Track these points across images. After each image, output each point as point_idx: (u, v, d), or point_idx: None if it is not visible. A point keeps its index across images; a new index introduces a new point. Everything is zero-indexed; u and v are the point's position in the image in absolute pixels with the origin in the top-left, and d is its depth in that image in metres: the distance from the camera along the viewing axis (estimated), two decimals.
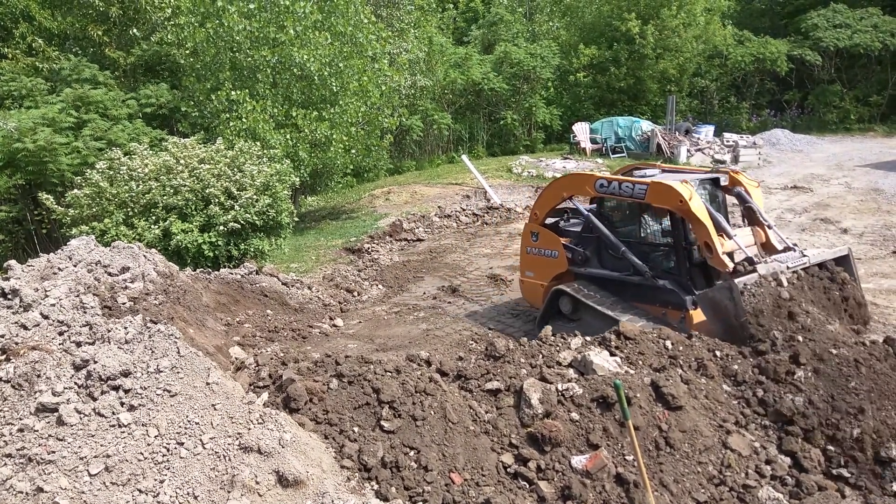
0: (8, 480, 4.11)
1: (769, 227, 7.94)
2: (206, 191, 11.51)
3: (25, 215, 15.88)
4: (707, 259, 7.57)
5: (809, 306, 7.27)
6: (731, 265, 7.34)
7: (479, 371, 6.70)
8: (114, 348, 5.07)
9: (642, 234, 8.50)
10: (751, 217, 8.15)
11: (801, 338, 6.90)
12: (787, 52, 28.46)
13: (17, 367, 4.81)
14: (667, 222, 8.19)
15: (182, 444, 4.51)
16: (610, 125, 25.53)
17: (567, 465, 5.73)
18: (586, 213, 8.81)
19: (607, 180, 8.31)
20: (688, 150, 22.92)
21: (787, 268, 7.25)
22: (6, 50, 19.27)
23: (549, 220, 9.67)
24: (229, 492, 4.28)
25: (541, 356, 6.90)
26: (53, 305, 5.92)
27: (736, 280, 7.02)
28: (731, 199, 8.80)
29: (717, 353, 7.06)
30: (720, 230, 7.48)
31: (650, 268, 8.10)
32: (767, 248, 7.99)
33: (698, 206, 7.42)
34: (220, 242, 11.40)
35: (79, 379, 4.79)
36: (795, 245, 7.91)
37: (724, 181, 8.34)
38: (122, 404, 4.67)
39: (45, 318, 5.73)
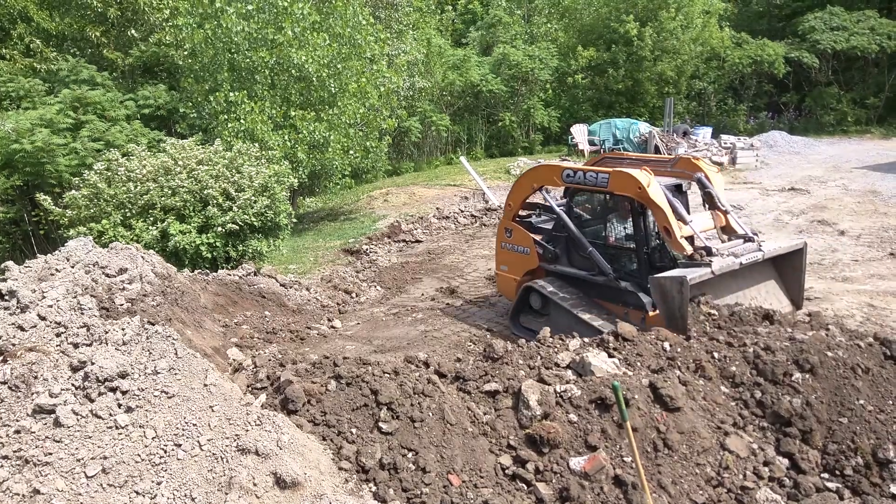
0: (4, 482, 4.10)
1: (727, 212, 8.09)
2: (205, 192, 11.50)
3: (23, 216, 15.86)
4: (666, 243, 7.75)
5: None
6: (689, 249, 7.50)
7: (478, 372, 6.70)
8: (111, 350, 5.06)
9: (609, 235, 8.67)
10: (710, 202, 8.30)
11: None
12: (784, 55, 28.52)
13: (14, 368, 4.79)
14: (630, 225, 8.35)
15: (179, 445, 4.50)
16: (608, 127, 25.55)
17: (565, 467, 5.73)
18: (557, 210, 8.95)
19: (573, 170, 8.49)
20: (685, 152, 22.94)
21: (741, 264, 7.38)
22: (4, 51, 19.27)
23: (527, 214, 9.93)
24: (227, 493, 4.27)
25: (539, 357, 6.90)
26: (51, 307, 5.91)
27: (690, 275, 7.16)
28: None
29: (716, 354, 7.06)
30: (678, 216, 7.66)
31: (614, 269, 8.28)
32: (728, 231, 8.16)
33: (656, 192, 7.61)
34: (218, 244, 11.39)
35: (76, 380, 4.78)
36: (756, 234, 8.02)
37: (685, 186, 8.50)
38: (119, 406, 4.66)
39: (43, 319, 5.71)
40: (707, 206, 8.31)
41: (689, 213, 7.97)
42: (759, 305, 7.60)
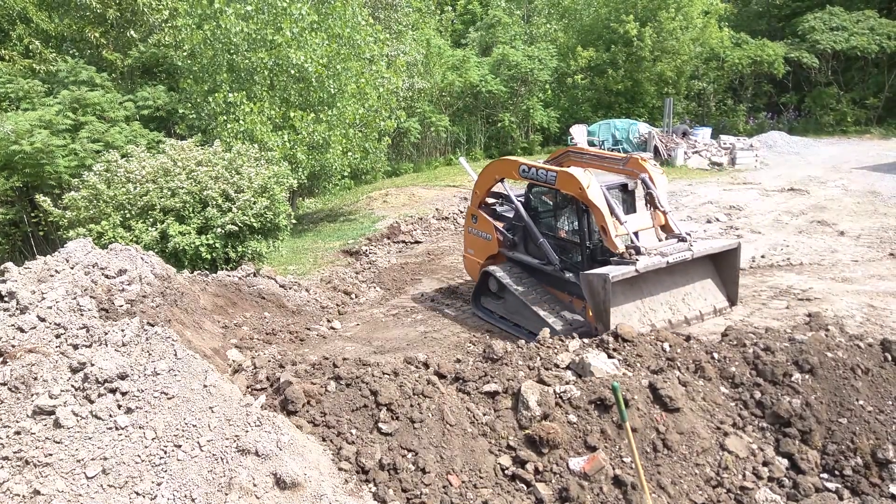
0: (5, 483, 4.10)
1: (666, 212, 8.38)
2: (204, 193, 11.50)
3: (22, 217, 15.86)
4: (603, 241, 8.20)
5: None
6: (621, 248, 7.90)
7: (477, 373, 6.70)
8: (111, 351, 5.07)
9: (560, 228, 9.14)
10: (652, 202, 8.56)
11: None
12: (784, 55, 28.52)
13: (14, 369, 4.80)
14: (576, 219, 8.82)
15: (179, 446, 4.50)
16: (607, 127, 25.55)
17: (565, 467, 5.73)
18: (515, 202, 9.51)
19: (528, 166, 9.04)
20: (685, 153, 22.96)
21: (668, 263, 7.67)
22: (3, 52, 19.27)
23: (493, 202, 10.53)
24: (227, 494, 4.27)
25: (539, 358, 6.90)
26: (50, 308, 5.91)
27: (612, 273, 7.48)
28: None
29: (715, 355, 7.07)
30: (615, 216, 8.11)
31: (562, 260, 8.79)
32: (666, 230, 8.49)
33: (595, 192, 8.04)
34: (217, 244, 11.39)
35: (76, 381, 4.78)
36: (689, 234, 8.31)
37: (631, 185, 8.80)
38: (119, 407, 4.66)
39: (42, 320, 5.72)
40: (649, 206, 8.60)
41: (635, 211, 8.54)
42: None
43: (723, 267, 8.48)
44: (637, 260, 7.71)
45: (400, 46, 21.39)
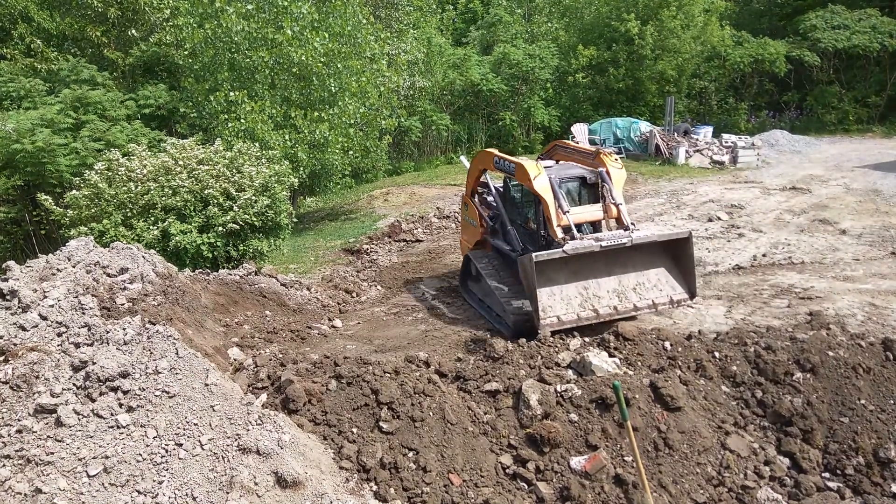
0: (7, 481, 4.11)
1: (619, 205, 8.67)
2: (205, 192, 11.50)
3: (24, 216, 15.87)
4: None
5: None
6: (559, 235, 8.30)
7: (478, 372, 6.70)
8: (112, 349, 5.07)
9: (528, 217, 9.52)
10: (605, 196, 8.98)
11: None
12: (785, 53, 28.46)
13: (16, 368, 4.80)
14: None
15: (181, 444, 4.51)
16: (608, 126, 25.52)
17: (566, 466, 5.73)
18: (493, 191, 10.08)
19: (500, 158, 9.60)
20: (686, 152, 22.93)
21: (602, 246, 7.85)
22: (5, 51, 19.27)
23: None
24: (228, 493, 4.27)
25: (539, 357, 6.90)
26: (52, 306, 5.91)
27: (536, 253, 7.78)
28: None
29: (717, 354, 7.06)
30: (560, 206, 8.53)
31: (523, 248, 9.19)
32: (619, 223, 8.82)
33: (541, 184, 8.48)
34: (218, 243, 11.39)
35: (77, 380, 4.79)
36: (633, 224, 8.52)
37: (591, 178, 9.11)
38: (120, 405, 4.66)
39: (44, 319, 5.72)
40: (604, 199, 8.98)
41: (596, 202, 8.95)
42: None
43: (677, 258, 8.47)
44: (566, 243, 8.05)
45: (401, 45, 21.36)
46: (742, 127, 28.85)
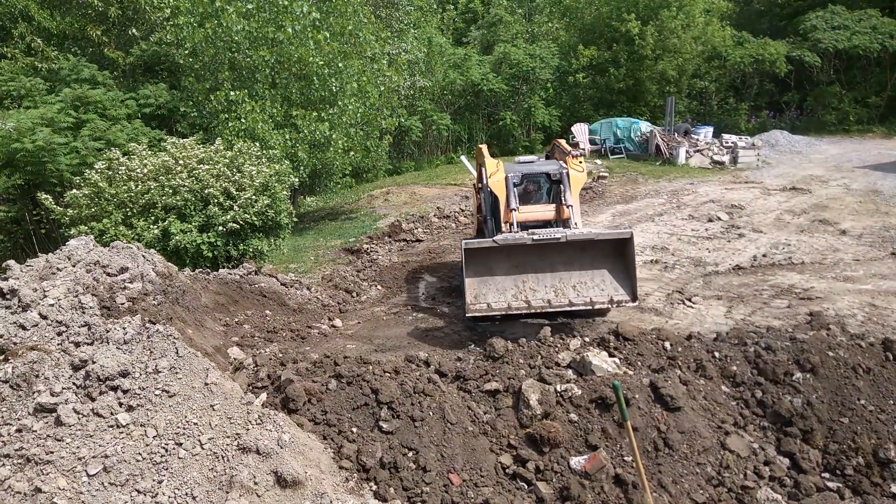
0: (6, 481, 4.11)
1: (569, 206, 9.00)
2: (205, 191, 11.50)
3: (24, 215, 15.86)
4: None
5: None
6: (504, 229, 8.82)
7: (478, 372, 6.71)
8: (112, 349, 5.07)
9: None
10: (562, 196, 9.34)
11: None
12: (785, 54, 28.46)
13: (16, 367, 4.80)
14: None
15: (180, 444, 4.51)
16: (609, 126, 25.53)
17: (566, 466, 5.74)
18: (484, 184, 10.05)
19: (479, 154, 10.27)
20: (686, 152, 22.93)
21: (533, 239, 8.01)
22: (5, 50, 19.25)
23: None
24: (227, 492, 4.27)
25: (539, 357, 6.90)
26: (52, 306, 5.91)
27: (466, 240, 8.32)
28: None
29: (716, 354, 7.07)
30: (510, 203, 9.04)
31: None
32: (567, 223, 9.12)
33: (495, 181, 9.02)
34: (219, 243, 11.39)
35: (77, 379, 4.79)
36: (576, 224, 8.90)
37: (554, 173, 9.43)
38: (120, 405, 4.66)
39: (44, 318, 5.72)
40: (561, 199, 9.34)
41: (556, 200, 9.34)
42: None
43: (620, 259, 8.39)
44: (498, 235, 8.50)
45: (401, 45, 21.36)
46: (742, 127, 28.85)
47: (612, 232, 8.68)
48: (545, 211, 9.22)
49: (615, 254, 8.34)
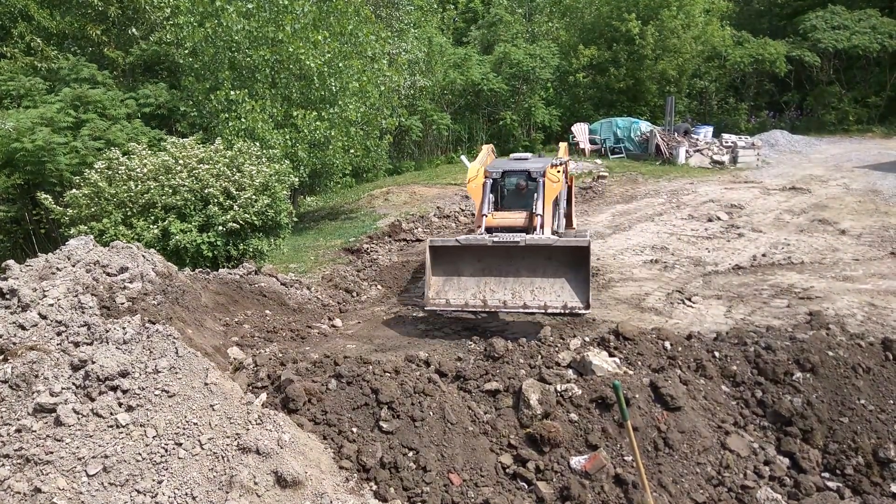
0: (6, 481, 4.10)
1: (539, 215, 9.30)
2: (205, 191, 11.49)
3: (24, 215, 15.86)
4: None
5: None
6: (476, 232, 9.27)
7: (478, 371, 6.71)
8: (112, 348, 5.06)
9: None
10: (533, 204, 9.65)
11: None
12: (785, 54, 28.46)
13: (15, 367, 4.80)
14: None
15: (180, 444, 4.50)
16: (609, 126, 25.53)
17: (566, 466, 5.74)
18: (484, 180, 10.30)
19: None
20: (686, 151, 22.93)
21: (493, 242, 8.48)
22: (5, 49, 19.25)
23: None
24: (227, 492, 4.27)
25: (540, 357, 6.90)
26: (51, 305, 5.91)
27: (431, 238, 8.90)
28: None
29: (716, 353, 7.07)
30: (483, 208, 9.58)
31: None
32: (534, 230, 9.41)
33: (472, 186, 9.68)
34: (218, 242, 11.38)
35: (77, 379, 4.78)
36: (535, 229, 9.13)
37: (533, 171, 9.72)
38: (120, 405, 4.66)
39: (44, 318, 5.72)
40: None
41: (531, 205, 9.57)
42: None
43: (580, 266, 8.50)
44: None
45: (401, 44, 21.35)
46: (742, 127, 28.86)
47: (570, 240, 8.90)
48: (516, 218, 9.50)
49: (575, 262, 8.50)
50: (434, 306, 8.76)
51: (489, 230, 9.25)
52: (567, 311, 8.37)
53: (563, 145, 11.63)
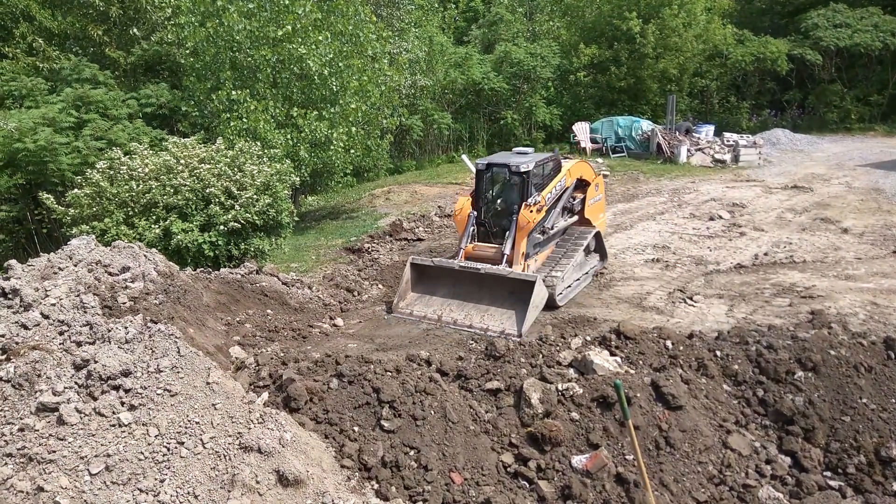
0: (8, 480, 4.12)
1: (503, 252, 9.73)
2: (207, 190, 11.50)
3: (26, 215, 15.88)
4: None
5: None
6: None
7: (480, 371, 6.71)
8: (114, 348, 5.07)
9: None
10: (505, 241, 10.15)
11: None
12: (787, 52, 28.43)
13: (18, 366, 4.81)
14: None
15: (182, 443, 4.51)
16: (610, 125, 25.51)
17: (567, 465, 5.74)
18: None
19: None
20: (688, 150, 22.92)
21: (459, 266, 9.59)
22: (6, 49, 19.26)
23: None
24: (230, 491, 4.28)
25: (541, 356, 6.90)
26: (54, 305, 5.92)
27: (413, 256, 10.23)
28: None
29: (718, 352, 7.06)
30: (461, 242, 10.24)
31: None
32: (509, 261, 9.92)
33: (459, 219, 10.43)
34: (220, 242, 11.39)
35: (79, 378, 4.79)
36: (507, 263, 9.59)
37: (525, 168, 9.93)
38: (122, 404, 4.67)
39: (46, 317, 5.73)
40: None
41: (524, 198, 9.90)
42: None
43: (527, 297, 8.93)
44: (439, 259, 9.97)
45: (402, 44, 21.35)
46: (744, 125, 28.85)
47: (521, 273, 9.34)
48: (494, 251, 9.93)
49: (526, 292, 8.93)
50: (399, 314, 9.86)
51: (467, 259, 9.92)
52: (502, 336, 8.68)
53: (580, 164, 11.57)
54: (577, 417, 6.07)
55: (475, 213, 10.30)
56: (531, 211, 9.68)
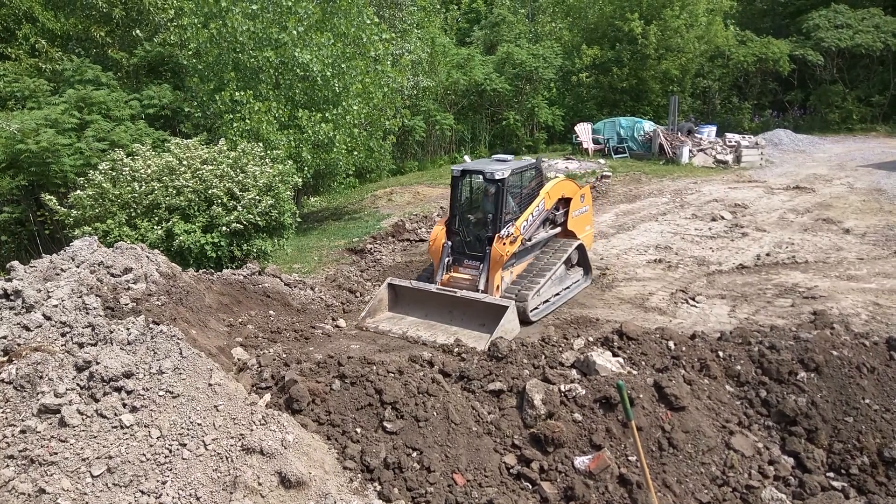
0: (10, 482, 4.12)
1: (478, 289, 9.63)
2: (209, 191, 11.51)
3: (28, 216, 15.91)
4: None
5: None
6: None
7: (482, 372, 6.70)
8: (116, 349, 5.07)
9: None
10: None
11: None
12: (789, 53, 28.43)
13: (20, 368, 4.81)
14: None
15: (184, 445, 4.51)
16: (612, 125, 25.51)
17: (570, 466, 5.73)
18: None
19: None
20: (690, 151, 22.90)
21: (437, 289, 9.47)
22: (10, 51, 19.32)
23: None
24: (231, 493, 4.27)
25: (543, 357, 6.89)
26: (56, 306, 5.92)
27: (391, 279, 10.16)
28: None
29: (721, 353, 7.05)
30: (436, 271, 10.10)
31: None
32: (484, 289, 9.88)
33: (434, 249, 10.27)
34: (222, 243, 11.39)
35: (81, 380, 4.79)
36: (482, 291, 9.50)
37: (500, 175, 9.56)
38: (124, 405, 4.67)
39: (48, 319, 5.73)
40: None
41: (495, 206, 9.77)
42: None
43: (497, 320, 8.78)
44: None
45: (405, 45, 21.36)
46: (746, 126, 28.85)
47: (494, 299, 9.18)
48: (469, 279, 9.79)
49: (496, 317, 8.73)
50: (367, 327, 9.47)
51: (444, 286, 9.77)
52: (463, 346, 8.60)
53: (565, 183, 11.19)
54: (579, 418, 6.06)
55: (450, 243, 10.03)
56: (504, 244, 9.38)
